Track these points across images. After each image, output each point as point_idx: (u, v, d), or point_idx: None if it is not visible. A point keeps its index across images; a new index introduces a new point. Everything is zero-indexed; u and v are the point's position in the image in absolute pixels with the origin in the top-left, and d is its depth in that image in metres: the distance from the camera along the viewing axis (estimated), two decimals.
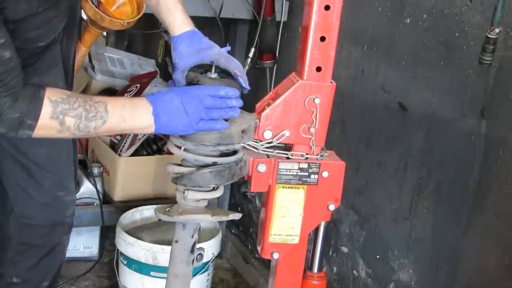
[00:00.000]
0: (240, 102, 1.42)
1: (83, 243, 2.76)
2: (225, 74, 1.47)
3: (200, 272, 2.32)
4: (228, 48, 1.55)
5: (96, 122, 1.34)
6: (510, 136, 1.61)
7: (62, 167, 1.92)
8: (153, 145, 2.69)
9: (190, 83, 1.45)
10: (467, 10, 1.72)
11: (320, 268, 1.65)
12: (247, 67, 2.48)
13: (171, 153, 1.46)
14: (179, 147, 1.44)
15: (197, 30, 1.57)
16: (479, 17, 1.68)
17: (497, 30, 1.51)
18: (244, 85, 1.47)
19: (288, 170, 1.50)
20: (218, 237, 2.37)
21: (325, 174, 1.51)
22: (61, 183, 1.92)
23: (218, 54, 1.48)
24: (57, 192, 1.92)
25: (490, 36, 1.52)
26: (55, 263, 2.02)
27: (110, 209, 2.55)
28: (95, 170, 2.55)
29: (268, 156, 1.50)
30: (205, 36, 1.55)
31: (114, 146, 2.67)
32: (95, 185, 2.52)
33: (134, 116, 1.38)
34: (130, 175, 2.56)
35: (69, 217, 1.98)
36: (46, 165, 1.88)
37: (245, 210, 2.86)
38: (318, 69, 1.46)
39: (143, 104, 1.39)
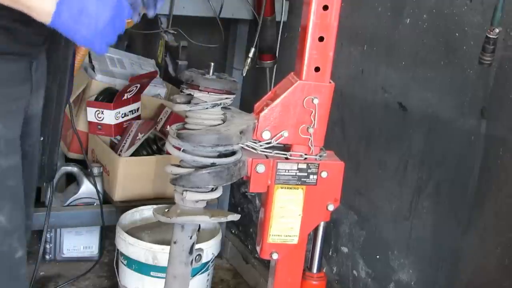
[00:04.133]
0: None
1: (83, 243, 2.77)
2: (223, 75, 1.46)
3: (200, 272, 2.32)
4: None
5: None
6: (510, 136, 1.61)
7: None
8: (153, 145, 2.69)
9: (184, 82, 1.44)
10: (467, 10, 1.71)
11: (319, 269, 1.65)
12: (247, 67, 2.48)
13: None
14: (178, 148, 1.43)
15: None
16: (479, 17, 1.67)
17: (497, 30, 1.51)
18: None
19: (287, 171, 1.49)
20: (218, 237, 2.37)
21: (324, 174, 1.51)
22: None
23: None
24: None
25: (490, 36, 1.52)
26: None
27: (110, 209, 2.55)
28: (95, 170, 2.55)
29: (266, 156, 1.49)
30: None
31: (114, 146, 2.67)
32: (95, 185, 2.52)
33: None
34: (130, 175, 2.55)
35: None
36: None
37: (245, 210, 2.85)
38: (317, 69, 1.46)
39: None
